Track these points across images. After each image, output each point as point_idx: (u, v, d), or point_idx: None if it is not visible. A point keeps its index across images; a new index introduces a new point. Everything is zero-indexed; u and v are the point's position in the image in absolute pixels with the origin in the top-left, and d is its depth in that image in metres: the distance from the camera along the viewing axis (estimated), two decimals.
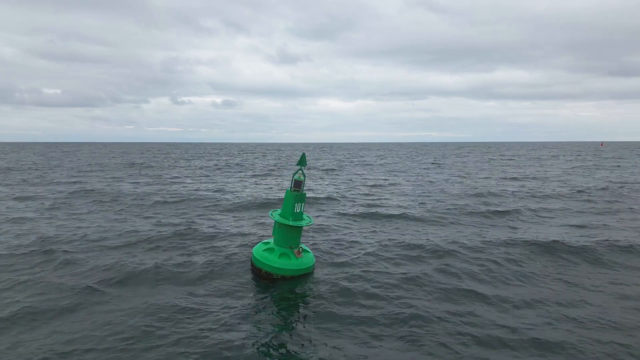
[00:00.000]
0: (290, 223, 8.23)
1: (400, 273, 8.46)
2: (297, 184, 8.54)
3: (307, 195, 17.68)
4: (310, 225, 8.86)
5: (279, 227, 8.48)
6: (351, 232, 12.04)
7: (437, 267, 8.77)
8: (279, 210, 8.74)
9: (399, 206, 16.55)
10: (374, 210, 15.42)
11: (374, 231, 12.10)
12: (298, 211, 8.42)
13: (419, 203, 17.24)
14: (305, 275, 8.44)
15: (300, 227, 8.51)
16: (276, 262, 8.27)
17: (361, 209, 15.74)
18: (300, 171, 8.60)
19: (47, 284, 7.74)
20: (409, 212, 14.94)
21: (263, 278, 8.37)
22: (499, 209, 15.59)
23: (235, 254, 9.70)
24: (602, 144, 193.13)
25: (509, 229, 12.44)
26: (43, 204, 16.99)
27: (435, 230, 12.15)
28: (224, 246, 10.41)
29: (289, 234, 8.44)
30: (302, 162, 8.54)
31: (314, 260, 8.90)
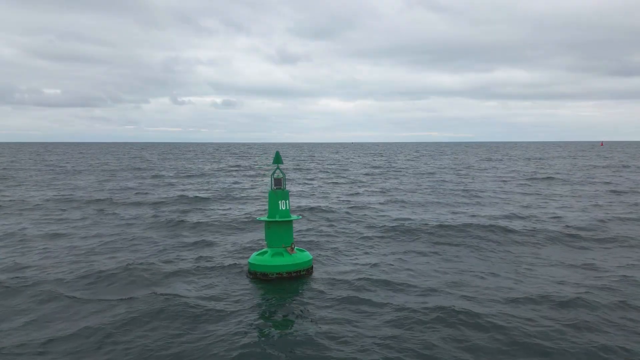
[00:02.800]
0: (277, 219, 8.54)
1: (407, 282, 8.35)
2: (278, 182, 8.88)
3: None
4: (299, 219, 9.19)
5: (268, 227, 8.74)
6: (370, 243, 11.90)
7: (460, 297, 7.82)
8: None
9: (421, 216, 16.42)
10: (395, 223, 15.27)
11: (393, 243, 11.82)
12: (283, 208, 8.69)
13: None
14: (303, 277, 8.56)
15: (289, 223, 8.77)
16: (270, 261, 8.48)
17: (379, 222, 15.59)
18: (277, 170, 8.91)
19: (42, 301, 7.62)
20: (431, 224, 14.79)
21: (260, 280, 8.51)
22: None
23: (235, 260, 9.61)
24: (601, 143, 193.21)
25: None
26: (34, 212, 16.84)
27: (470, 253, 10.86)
28: (222, 249, 10.32)
29: (279, 231, 8.65)
30: (277, 160, 8.91)
31: (311, 258, 9.03)
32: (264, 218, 8.78)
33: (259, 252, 9.02)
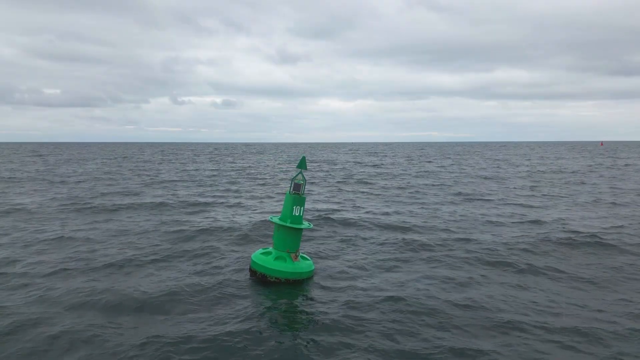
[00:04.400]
0: (288, 224, 8.41)
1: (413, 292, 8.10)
2: (297, 187, 8.74)
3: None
4: (310, 228, 8.99)
5: (277, 229, 8.67)
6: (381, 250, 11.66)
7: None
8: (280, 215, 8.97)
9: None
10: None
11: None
12: (297, 214, 8.58)
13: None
14: (302, 282, 8.50)
15: (299, 230, 8.67)
16: (271, 263, 8.44)
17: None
18: (300, 174, 8.80)
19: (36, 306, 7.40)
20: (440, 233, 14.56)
21: (259, 281, 8.56)
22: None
23: (237, 266, 9.41)
24: (601, 143, 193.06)
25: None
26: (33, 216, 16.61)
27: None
28: (224, 254, 10.10)
29: (287, 237, 8.56)
30: (302, 164, 8.79)
31: (313, 267, 8.98)
32: (276, 220, 8.72)
33: (263, 250, 9.04)
